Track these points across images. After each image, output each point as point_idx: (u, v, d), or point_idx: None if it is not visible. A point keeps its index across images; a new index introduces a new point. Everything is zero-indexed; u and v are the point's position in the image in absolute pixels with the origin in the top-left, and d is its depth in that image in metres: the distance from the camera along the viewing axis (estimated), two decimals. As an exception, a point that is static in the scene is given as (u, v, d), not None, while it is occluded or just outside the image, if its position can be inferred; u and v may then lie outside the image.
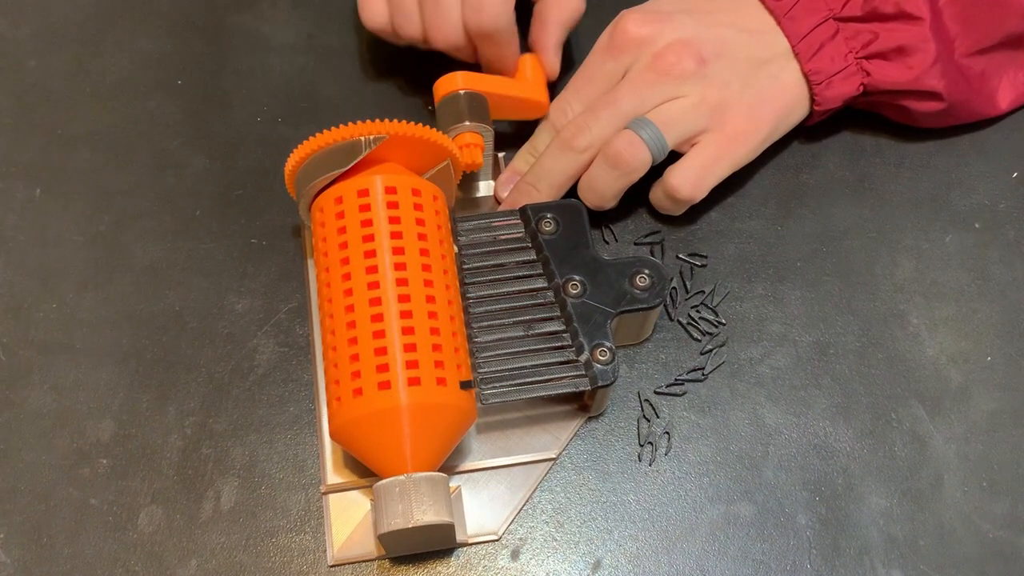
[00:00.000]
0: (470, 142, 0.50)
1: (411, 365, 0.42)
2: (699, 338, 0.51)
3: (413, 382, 0.42)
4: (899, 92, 0.52)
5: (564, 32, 0.54)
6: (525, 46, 0.55)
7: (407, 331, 0.43)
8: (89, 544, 0.46)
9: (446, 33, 0.51)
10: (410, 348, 0.43)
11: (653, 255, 0.53)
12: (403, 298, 0.43)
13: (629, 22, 0.51)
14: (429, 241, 0.45)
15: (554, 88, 0.55)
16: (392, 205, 0.45)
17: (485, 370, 0.46)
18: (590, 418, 0.49)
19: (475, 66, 0.54)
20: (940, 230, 0.54)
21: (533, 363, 0.46)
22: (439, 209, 0.47)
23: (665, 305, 0.52)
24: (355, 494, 0.47)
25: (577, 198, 0.51)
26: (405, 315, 0.43)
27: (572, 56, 0.58)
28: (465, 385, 0.44)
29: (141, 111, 0.57)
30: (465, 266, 0.48)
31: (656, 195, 0.53)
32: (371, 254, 0.44)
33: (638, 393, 0.50)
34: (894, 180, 0.55)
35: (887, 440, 0.49)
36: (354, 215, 0.45)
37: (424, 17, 0.52)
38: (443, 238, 0.47)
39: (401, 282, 0.44)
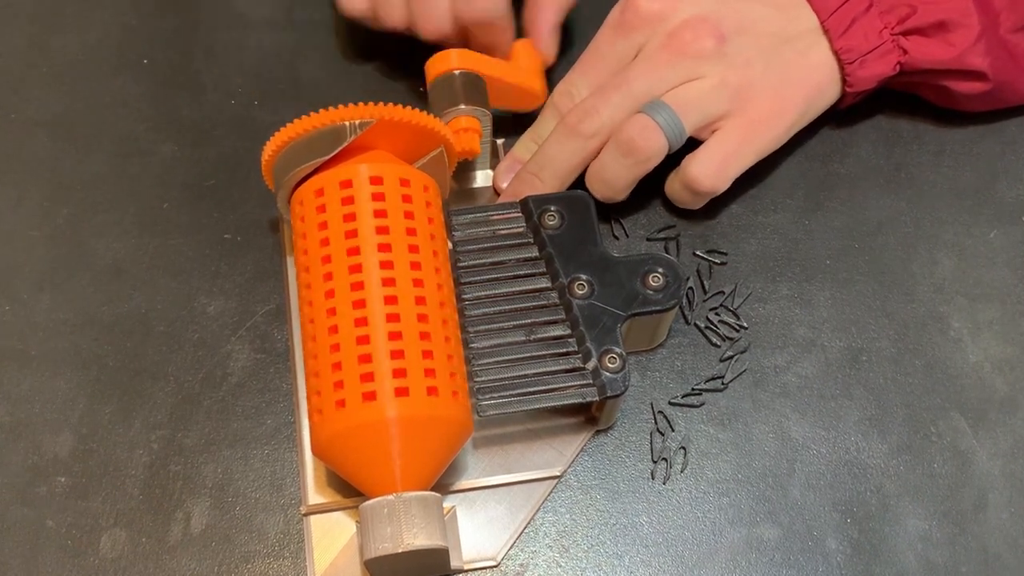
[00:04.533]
0: (466, 127, 0.51)
1: (399, 374, 0.43)
2: (718, 343, 0.52)
3: (402, 392, 0.42)
4: (939, 72, 0.52)
5: (561, 14, 0.55)
6: (519, 29, 0.55)
7: (395, 336, 0.43)
8: (46, 570, 0.46)
9: (435, 24, 0.52)
10: (398, 355, 0.43)
11: (668, 252, 0.53)
12: (390, 300, 0.44)
13: (642, -4, 0.52)
14: (420, 237, 0.45)
15: (553, 74, 0.55)
16: (379, 197, 0.45)
17: (483, 379, 0.46)
18: (598, 432, 0.50)
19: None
20: (984, 224, 0.54)
21: (535, 371, 0.46)
22: (431, 201, 0.47)
23: (681, 307, 0.52)
24: (339, 515, 0.47)
25: (584, 189, 0.51)
26: (392, 318, 0.43)
27: (572, 38, 0.58)
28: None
29: (103, 93, 0.57)
30: (460, 264, 0.48)
31: (673, 187, 0.53)
32: (355, 251, 0.44)
33: (651, 404, 0.50)
34: (934, 170, 0.56)
35: (926, 456, 0.49)
36: (337, 208, 0.45)
37: (411, 6, 0.52)
38: (436, 233, 0.47)
39: (388, 282, 0.44)
